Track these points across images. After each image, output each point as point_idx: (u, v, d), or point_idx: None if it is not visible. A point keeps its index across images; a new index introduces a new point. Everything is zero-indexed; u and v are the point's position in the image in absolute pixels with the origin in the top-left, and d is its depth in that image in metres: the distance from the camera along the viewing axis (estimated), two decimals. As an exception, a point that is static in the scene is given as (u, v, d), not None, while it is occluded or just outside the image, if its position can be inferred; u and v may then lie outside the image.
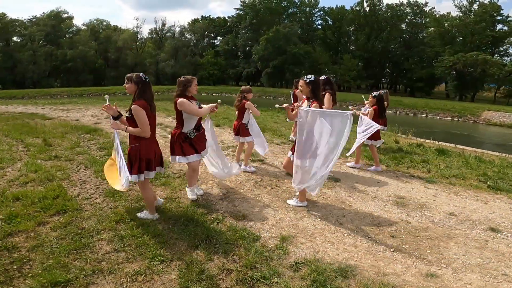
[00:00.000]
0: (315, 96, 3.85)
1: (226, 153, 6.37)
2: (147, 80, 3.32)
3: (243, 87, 5.45)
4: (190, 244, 3.08)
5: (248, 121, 5.43)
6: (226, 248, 3.04)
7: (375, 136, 5.86)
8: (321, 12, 57.72)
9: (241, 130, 5.32)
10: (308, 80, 3.83)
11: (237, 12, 59.62)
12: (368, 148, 6.16)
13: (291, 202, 4.15)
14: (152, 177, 3.52)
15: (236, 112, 5.42)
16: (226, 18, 62.87)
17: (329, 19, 57.23)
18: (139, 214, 3.60)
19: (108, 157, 5.68)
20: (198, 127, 3.99)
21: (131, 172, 3.25)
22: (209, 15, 65.73)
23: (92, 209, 3.76)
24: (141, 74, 3.34)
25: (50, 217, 3.52)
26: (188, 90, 3.86)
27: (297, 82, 7.06)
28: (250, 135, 5.37)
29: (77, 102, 17.43)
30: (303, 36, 55.67)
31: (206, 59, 56.46)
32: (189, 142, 3.89)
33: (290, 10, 58.04)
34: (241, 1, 58.17)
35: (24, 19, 50.08)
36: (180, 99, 3.78)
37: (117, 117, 3.36)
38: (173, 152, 3.94)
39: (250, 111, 5.35)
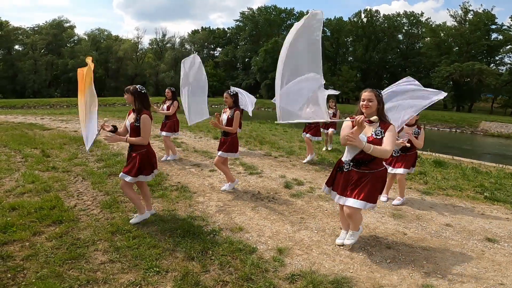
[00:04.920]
0: (236, 105, 4.90)
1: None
2: (143, 92, 3.63)
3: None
4: (186, 256, 3.08)
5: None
6: (222, 260, 3.04)
7: (317, 132, 7.27)
8: (320, 23, 58.54)
9: None
10: (231, 93, 4.89)
11: (237, 23, 60.49)
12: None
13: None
14: (150, 180, 3.82)
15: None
16: (226, 29, 63.72)
17: (327, 30, 58.01)
18: (132, 221, 3.71)
19: (106, 169, 5.72)
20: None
21: (132, 174, 3.55)
22: (209, 26, 66.53)
23: (88, 220, 3.76)
24: (138, 86, 3.65)
25: (46, 227, 3.52)
26: None
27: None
28: None
29: (76, 112, 17.48)
30: (302, 47, 56.23)
31: (206, 70, 56.74)
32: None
33: (288, 22, 58.93)
34: (240, 13, 59.15)
35: (27, 28, 50.57)
36: None
37: (114, 131, 3.60)
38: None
39: None
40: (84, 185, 4.96)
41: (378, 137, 3.02)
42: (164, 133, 6.69)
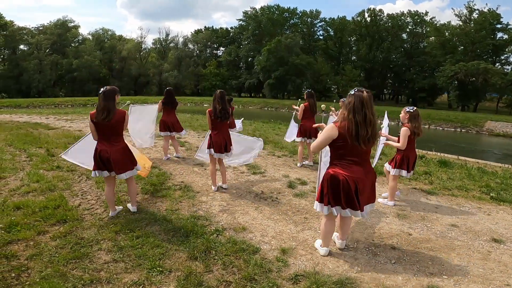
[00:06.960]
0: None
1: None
2: (100, 93, 3.71)
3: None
4: (189, 256, 3.07)
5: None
6: (226, 260, 3.03)
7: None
8: (323, 22, 58.45)
9: None
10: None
11: (240, 23, 60.42)
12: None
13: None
14: (100, 176, 3.77)
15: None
16: (229, 28, 63.69)
17: (330, 30, 57.86)
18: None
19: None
20: None
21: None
22: (212, 26, 66.52)
23: (92, 219, 3.77)
24: (104, 87, 3.79)
25: (50, 227, 3.53)
26: None
27: (309, 95, 6.53)
28: None
29: (81, 112, 17.60)
30: (305, 46, 56.14)
31: (209, 69, 56.86)
32: None
33: (292, 21, 58.79)
34: (243, 12, 59.06)
35: (32, 27, 50.82)
36: None
37: None
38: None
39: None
40: (88, 184, 4.98)
41: None
42: None
